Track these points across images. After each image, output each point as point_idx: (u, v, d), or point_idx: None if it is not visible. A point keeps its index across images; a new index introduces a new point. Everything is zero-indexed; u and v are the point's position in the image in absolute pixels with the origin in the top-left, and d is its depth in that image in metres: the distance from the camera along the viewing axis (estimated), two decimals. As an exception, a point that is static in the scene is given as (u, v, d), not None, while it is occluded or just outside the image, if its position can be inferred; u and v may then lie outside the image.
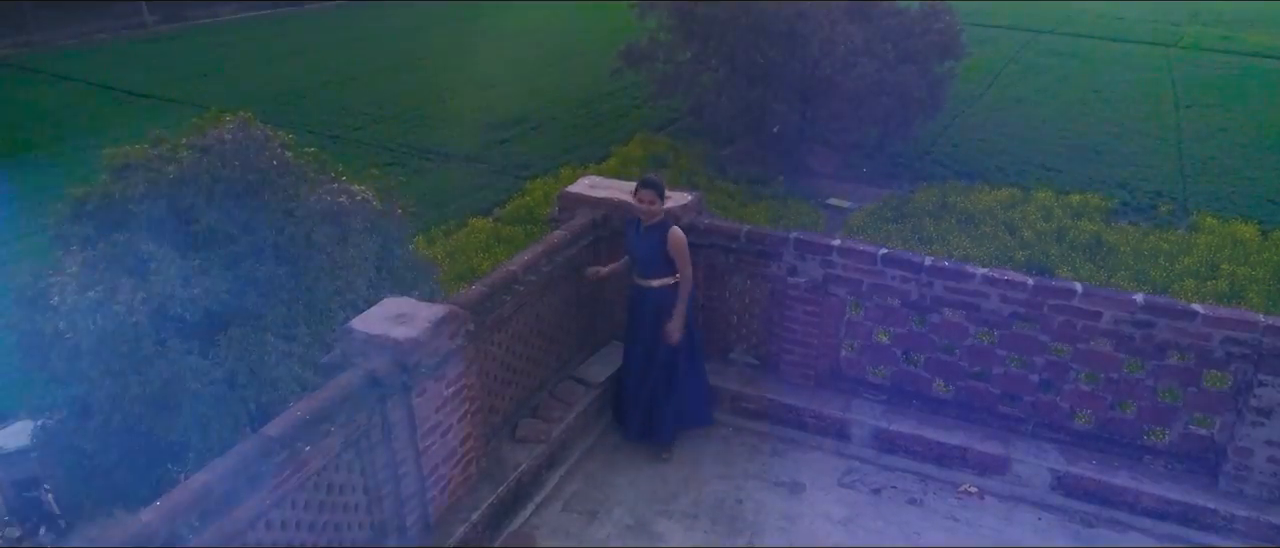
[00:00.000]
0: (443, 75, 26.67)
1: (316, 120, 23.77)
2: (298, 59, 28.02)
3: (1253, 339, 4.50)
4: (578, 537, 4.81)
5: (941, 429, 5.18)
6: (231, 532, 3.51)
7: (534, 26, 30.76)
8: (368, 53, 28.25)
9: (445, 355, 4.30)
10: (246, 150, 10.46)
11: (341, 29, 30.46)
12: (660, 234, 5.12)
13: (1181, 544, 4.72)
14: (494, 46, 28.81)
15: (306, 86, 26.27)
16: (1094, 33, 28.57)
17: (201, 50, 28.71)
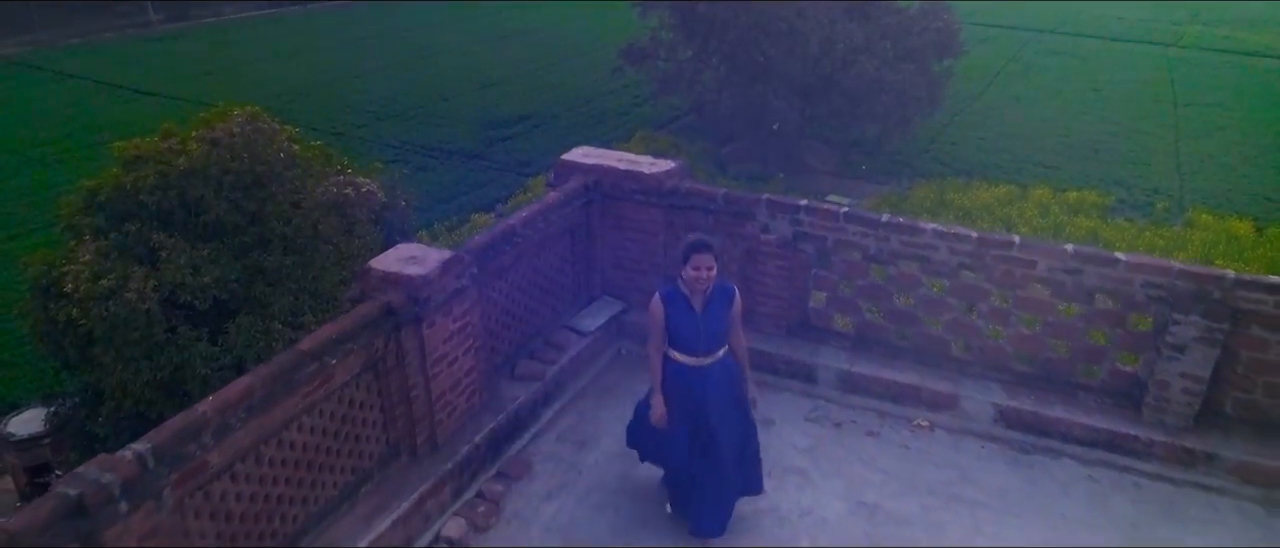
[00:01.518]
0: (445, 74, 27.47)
1: (320, 118, 24.55)
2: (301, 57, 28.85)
3: (1168, 283, 5.21)
4: (570, 463, 5.54)
5: (898, 371, 5.90)
6: (270, 429, 4.24)
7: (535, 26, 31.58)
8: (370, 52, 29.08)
9: (452, 293, 5.02)
10: (254, 143, 11.09)
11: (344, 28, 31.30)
12: (725, 300, 4.72)
13: (1107, 468, 5.41)
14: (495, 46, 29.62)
15: (310, 84, 27.07)
16: (1094, 32, 29.32)
17: (205, 49, 29.56)
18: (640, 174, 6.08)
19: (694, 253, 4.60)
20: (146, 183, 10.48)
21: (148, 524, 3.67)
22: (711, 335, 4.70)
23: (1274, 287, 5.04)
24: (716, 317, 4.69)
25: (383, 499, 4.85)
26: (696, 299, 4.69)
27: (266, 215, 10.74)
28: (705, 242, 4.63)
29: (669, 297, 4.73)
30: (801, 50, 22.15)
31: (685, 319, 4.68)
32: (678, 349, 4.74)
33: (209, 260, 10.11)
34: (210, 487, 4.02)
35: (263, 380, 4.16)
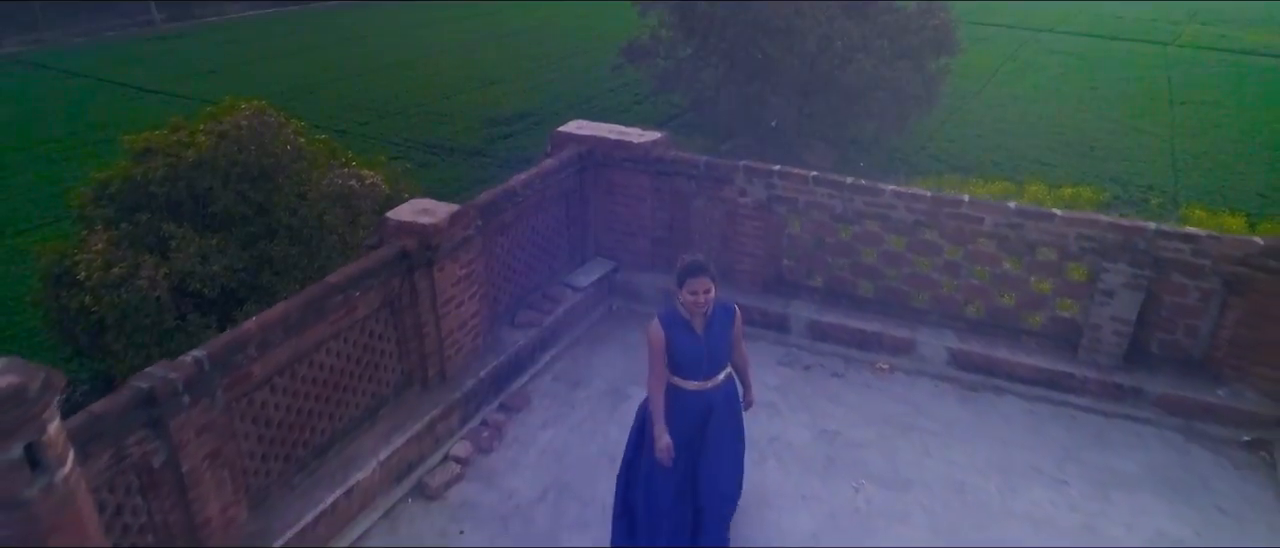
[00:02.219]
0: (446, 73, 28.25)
1: (323, 115, 25.35)
2: (304, 56, 29.66)
3: (1098, 235, 5.99)
4: (564, 398, 6.32)
5: (862, 320, 6.69)
6: (304, 349, 5.03)
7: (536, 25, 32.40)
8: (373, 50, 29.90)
9: (459, 242, 5.82)
10: (261, 136, 11.78)
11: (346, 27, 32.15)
12: (726, 320, 4.69)
13: (1046, 402, 6.19)
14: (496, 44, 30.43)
15: (313, 83, 27.88)
16: (1092, 31, 30.09)
17: (209, 47, 30.37)
18: (629, 143, 6.86)
19: (689, 277, 4.50)
20: (156, 174, 11.15)
21: (204, 418, 4.45)
22: (715, 359, 4.64)
23: (1191, 236, 5.81)
24: (719, 337, 4.62)
25: (398, 421, 5.63)
26: (697, 321, 4.60)
27: (273, 206, 11.39)
28: (700, 263, 4.52)
29: (668, 321, 4.63)
30: (799, 48, 22.90)
31: (687, 343, 4.59)
32: (681, 375, 4.64)
33: (217, 250, 10.73)
34: (253, 394, 4.80)
35: (297, 306, 4.95)
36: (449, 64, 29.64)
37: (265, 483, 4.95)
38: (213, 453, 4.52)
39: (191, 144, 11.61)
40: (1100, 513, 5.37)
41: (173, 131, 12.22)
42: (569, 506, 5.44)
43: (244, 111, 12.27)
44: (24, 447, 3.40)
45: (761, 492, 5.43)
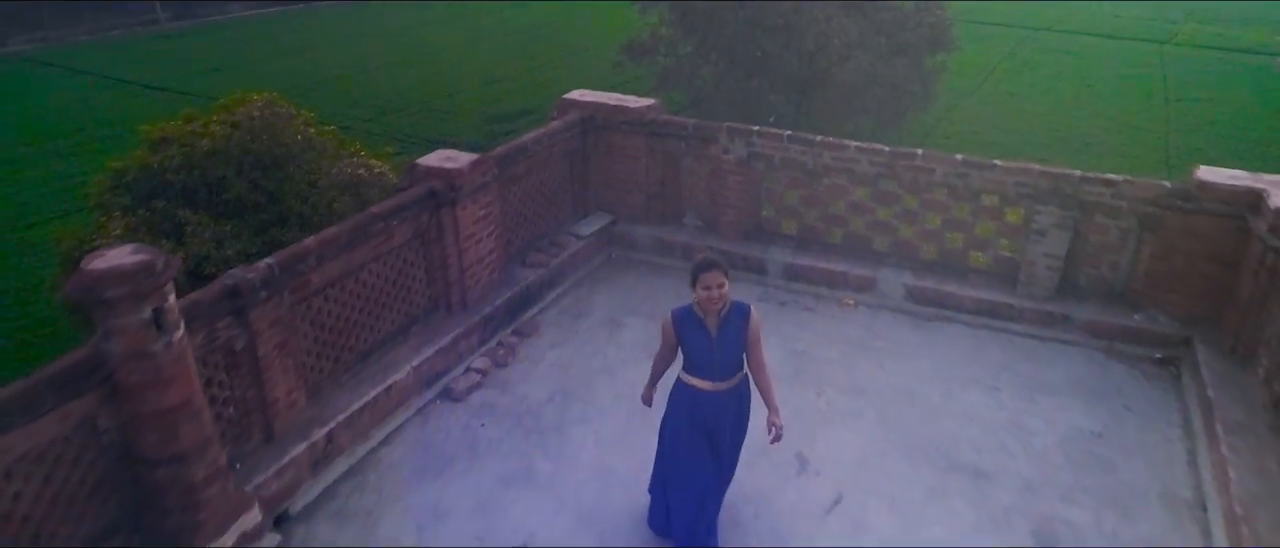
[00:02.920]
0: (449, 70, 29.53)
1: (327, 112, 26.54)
2: (307, 54, 30.94)
3: (1032, 182, 7.19)
4: (569, 326, 7.52)
5: (830, 262, 7.88)
6: (351, 267, 6.22)
7: (537, 23, 33.68)
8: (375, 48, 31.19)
9: (479, 186, 7.02)
10: (273, 126, 12.87)
11: (349, 26, 33.45)
12: (741, 321, 4.76)
13: (988, 329, 7.37)
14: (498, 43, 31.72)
15: (316, 80, 29.16)
16: (1089, 30, 31.33)
17: (213, 46, 31.66)
18: (627, 108, 8.08)
19: (702, 272, 4.59)
20: (172, 163, 12.09)
21: (275, 313, 5.65)
22: (727, 360, 4.73)
23: (1109, 181, 7.01)
24: (732, 338, 4.70)
25: (427, 337, 6.83)
26: (711, 320, 4.70)
27: (284, 194, 12.37)
28: (713, 260, 4.61)
29: (681, 317, 4.77)
30: (797, 46, 24.11)
31: (700, 342, 4.70)
32: (693, 374, 4.78)
33: (231, 236, 11.65)
34: (311, 300, 6.00)
35: (346, 229, 6.15)
36: (450, 62, 30.94)
37: (319, 378, 6.14)
38: (281, 344, 5.71)
39: (206, 134, 12.72)
40: (1025, 412, 6.55)
41: (187, 122, 13.39)
42: (572, 405, 6.63)
43: (256, 103, 13.44)
44: (153, 310, 4.60)
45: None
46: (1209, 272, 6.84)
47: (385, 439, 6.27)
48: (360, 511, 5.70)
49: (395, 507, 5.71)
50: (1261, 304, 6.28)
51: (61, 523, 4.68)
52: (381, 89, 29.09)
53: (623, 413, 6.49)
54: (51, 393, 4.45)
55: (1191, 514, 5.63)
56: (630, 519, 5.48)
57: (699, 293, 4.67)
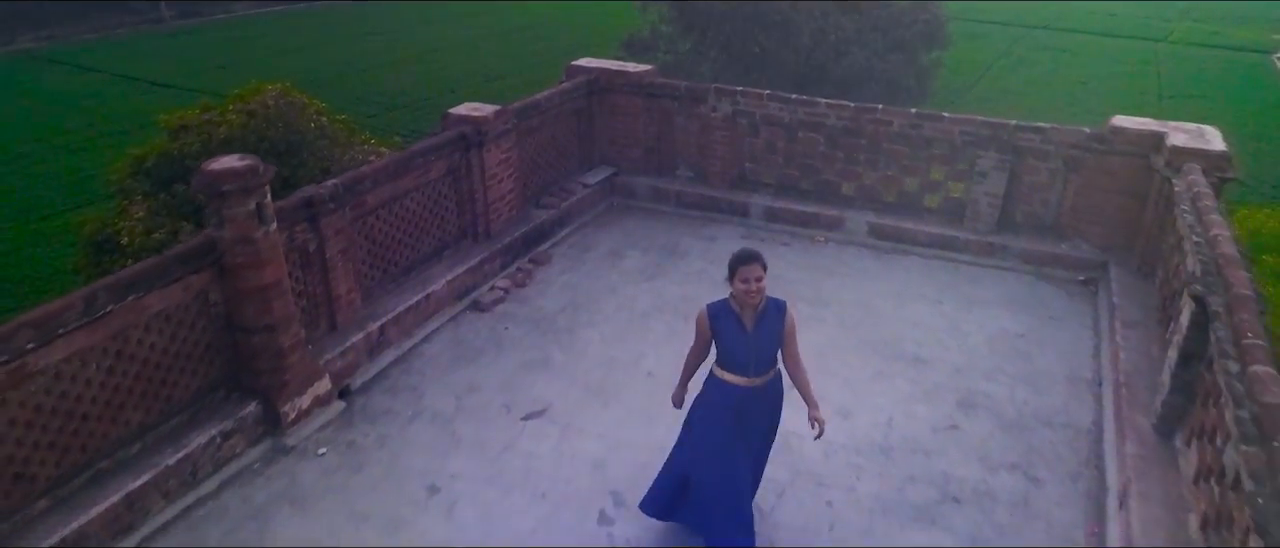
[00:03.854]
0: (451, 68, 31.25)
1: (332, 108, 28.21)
2: (311, 52, 32.69)
3: (974, 130, 8.81)
4: (577, 257, 9.12)
5: (804, 205, 9.49)
6: (398, 193, 7.82)
7: (537, 22, 35.44)
8: (378, 47, 32.92)
9: (500, 132, 8.64)
10: (287, 115, 14.37)
11: (351, 25, 35.21)
12: (777, 316, 4.89)
13: (938, 259, 8.97)
14: (500, 41, 33.46)
15: (321, 78, 30.86)
16: (1085, 28, 33.03)
17: (218, 44, 33.39)
18: (627, 73, 9.73)
19: (741, 265, 4.70)
20: (191, 149, 13.41)
21: (339, 223, 7.25)
22: (763, 355, 4.83)
23: (1039, 129, 8.62)
24: (768, 334, 4.80)
25: (458, 259, 8.44)
26: (747, 315, 4.81)
27: (299, 179, 13.68)
28: (753, 252, 4.71)
29: (717, 312, 4.86)
30: (795, 42, 25.76)
31: (736, 337, 4.80)
32: (728, 369, 4.89)
33: None
34: (366, 218, 7.60)
35: (393, 161, 7.77)
36: (453, 60, 32.67)
37: (371, 283, 7.75)
38: (343, 250, 7.32)
39: (223, 122, 14.18)
40: (962, 319, 8.14)
41: (205, 111, 14.96)
42: (581, 314, 8.23)
43: (270, 93, 15.04)
44: (256, 204, 6.20)
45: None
46: (1122, 204, 8.43)
47: (425, 337, 7.86)
48: (408, 387, 7.29)
49: (437, 384, 7.30)
50: (1160, 227, 7.87)
51: (181, 374, 6.27)
52: (384, 86, 30.75)
53: (623, 320, 8.09)
54: (178, 266, 6.05)
55: (1089, 389, 7.22)
56: (630, 391, 7.07)
57: (737, 286, 4.75)
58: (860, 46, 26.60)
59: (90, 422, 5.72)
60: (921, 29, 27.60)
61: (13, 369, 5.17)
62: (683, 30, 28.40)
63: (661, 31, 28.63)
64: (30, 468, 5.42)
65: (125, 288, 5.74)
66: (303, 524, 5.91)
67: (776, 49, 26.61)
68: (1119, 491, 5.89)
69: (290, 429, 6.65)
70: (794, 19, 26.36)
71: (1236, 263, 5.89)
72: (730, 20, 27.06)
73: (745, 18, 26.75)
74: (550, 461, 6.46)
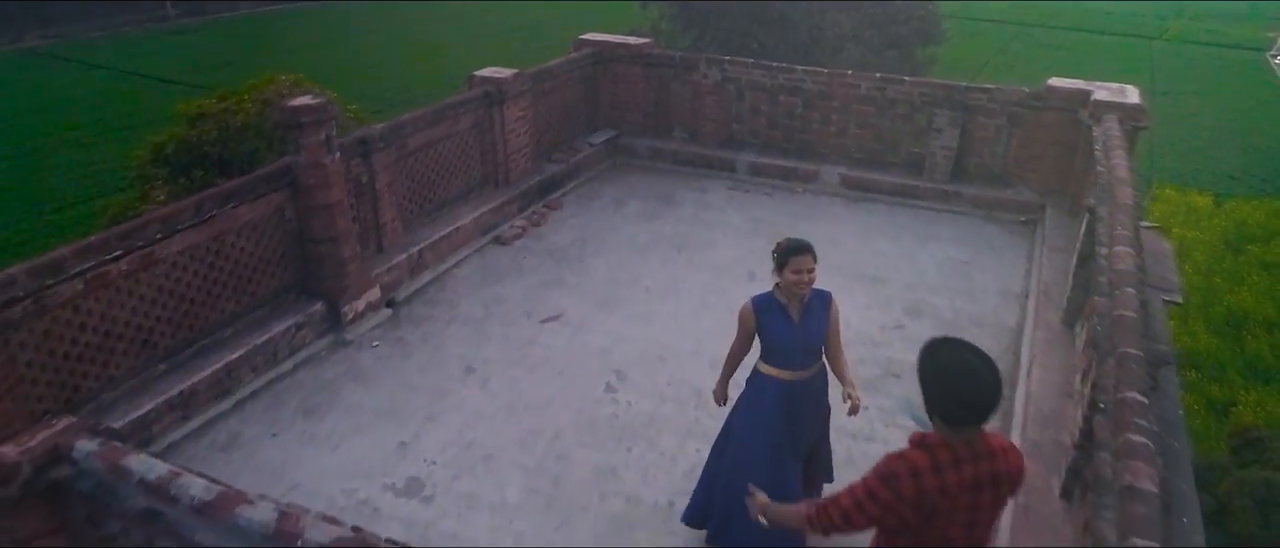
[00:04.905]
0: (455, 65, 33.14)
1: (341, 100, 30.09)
2: (314, 50, 34.62)
3: (930, 92, 10.63)
4: (584, 205, 10.94)
5: (784, 161, 11.31)
6: (432, 140, 9.64)
7: (539, 20, 37.40)
8: (381, 45, 34.84)
9: (518, 92, 10.46)
10: None
11: (355, 23, 37.15)
12: (822, 307, 4.98)
13: (900, 206, 10.78)
14: (503, 38, 35.39)
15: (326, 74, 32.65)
16: (1081, 27, 34.97)
17: (222, 41, 35.30)
18: (628, 45, 11.57)
19: (793, 255, 4.73)
20: (209, 137, 14.68)
21: (387, 160, 9.05)
22: (809, 347, 4.92)
23: (986, 89, 10.44)
24: (815, 325, 4.88)
25: (482, 201, 10.24)
26: (794, 306, 4.88)
27: None
28: (805, 243, 4.74)
29: (762, 304, 4.97)
30: (792, 38, 27.65)
31: (782, 329, 4.88)
32: (773, 363, 4.97)
33: None
34: (407, 159, 9.41)
35: (429, 111, 9.58)
36: (455, 58, 34.61)
37: (409, 216, 9.54)
38: (389, 183, 9.12)
39: (239, 111, 15.81)
40: (916, 250, 9.94)
41: (221, 100, 16.73)
42: (589, 247, 10.04)
43: (284, 82, 16.84)
44: (325, 134, 8.01)
45: (712, 243, 10.01)
46: (1057, 154, 10.23)
47: (456, 263, 9.66)
48: (443, 300, 9.08)
49: (468, 297, 9.10)
50: (1084, 171, 9.67)
51: (263, 276, 8.06)
52: (388, 83, 32.65)
53: (625, 251, 9.90)
54: (263, 184, 7.84)
55: (1017, 299, 9.01)
56: (630, 302, 8.88)
57: (788, 276, 4.81)
58: (856, 42, 28.51)
59: (196, 306, 7.50)
60: (917, 25, 29.51)
61: (144, 255, 6.95)
62: (682, 27, 30.32)
63: (662, 28, 30.54)
64: (153, 337, 7.19)
65: (225, 198, 7.54)
66: (365, 393, 7.69)
67: (774, 45, 28.48)
68: (1026, 365, 7.66)
69: (349, 327, 8.43)
70: (792, 16, 28.28)
71: (1125, 183, 7.69)
72: (729, 17, 28.96)
73: (743, 14, 28.65)
74: (565, 350, 8.24)
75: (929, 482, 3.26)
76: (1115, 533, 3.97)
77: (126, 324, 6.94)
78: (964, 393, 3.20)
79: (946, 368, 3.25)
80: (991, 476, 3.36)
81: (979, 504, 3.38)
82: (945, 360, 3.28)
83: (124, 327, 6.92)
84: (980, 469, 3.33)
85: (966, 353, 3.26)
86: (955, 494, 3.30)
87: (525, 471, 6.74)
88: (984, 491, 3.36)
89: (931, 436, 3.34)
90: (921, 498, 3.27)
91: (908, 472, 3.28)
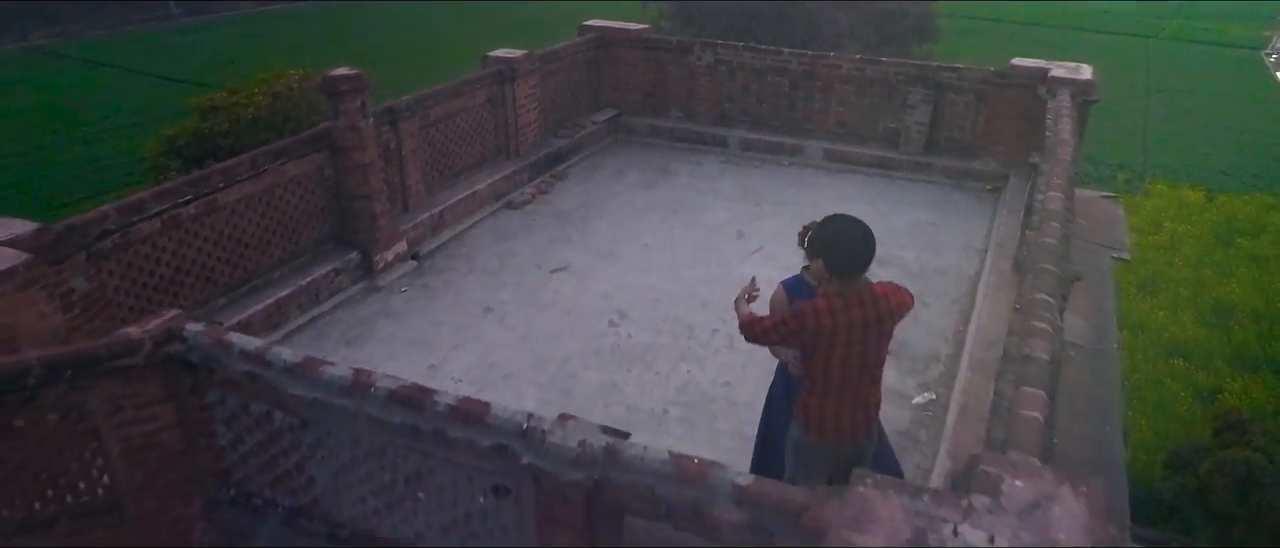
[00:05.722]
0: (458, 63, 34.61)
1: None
2: (317, 48, 36.04)
3: (905, 71, 12.03)
4: (588, 175, 12.36)
5: (772, 136, 12.72)
6: (451, 112, 11.06)
7: (541, 19, 38.85)
8: (384, 43, 36.30)
9: (528, 70, 11.87)
10: (309, 96, 17.37)
11: (358, 22, 38.63)
12: None
13: (878, 176, 12.19)
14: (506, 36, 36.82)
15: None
16: (1078, 25, 36.44)
17: (226, 40, 36.78)
18: (628, 30, 12.99)
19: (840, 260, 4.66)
20: (221, 128, 16.04)
21: (411, 128, 10.46)
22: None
23: (955, 68, 11.85)
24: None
25: (495, 169, 11.65)
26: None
27: None
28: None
29: (795, 288, 5.21)
30: (789, 35, 29.08)
31: None
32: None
33: None
34: (429, 129, 10.82)
35: (449, 86, 11.00)
36: (457, 56, 36.11)
37: (430, 181, 10.94)
38: (414, 150, 10.52)
39: (250, 103, 17.00)
40: (890, 213, 11.34)
41: (232, 94, 18.03)
42: (592, 211, 11.45)
43: (293, 76, 18.19)
44: (361, 101, 9.42)
45: (704, 208, 11.41)
46: (1020, 128, 11.63)
47: (472, 224, 11.06)
48: (462, 254, 10.48)
49: (484, 251, 10.49)
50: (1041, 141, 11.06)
51: (304, 227, 9.45)
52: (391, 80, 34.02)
53: (625, 214, 11.30)
54: (306, 145, 9.25)
55: (977, 253, 10.41)
56: (630, 255, 10.28)
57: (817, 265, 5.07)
58: (853, 40, 29.96)
59: (250, 249, 8.89)
60: (913, 23, 30.98)
61: (209, 201, 8.35)
62: (681, 25, 31.81)
63: (661, 27, 32.01)
64: (214, 274, 8.58)
65: (275, 154, 8.95)
66: (397, 327, 9.07)
67: (772, 42, 29.89)
68: (979, 303, 9.05)
69: (379, 275, 9.82)
70: (789, 13, 29.76)
71: (1066, 144, 9.08)
72: (727, 15, 30.43)
73: (741, 13, 30.14)
74: (572, 294, 9.63)
75: (826, 321, 4.69)
76: (1011, 386, 5.36)
77: (193, 261, 8.32)
78: (845, 251, 4.66)
79: (834, 234, 4.75)
80: (877, 315, 4.79)
81: (867, 337, 4.82)
82: (833, 230, 4.78)
83: (191, 263, 8.31)
84: (867, 311, 4.76)
85: (847, 224, 4.76)
86: (848, 329, 4.74)
87: (539, 387, 8.11)
88: (871, 326, 4.79)
89: (832, 289, 4.74)
90: (820, 331, 4.71)
91: (812, 312, 4.72)
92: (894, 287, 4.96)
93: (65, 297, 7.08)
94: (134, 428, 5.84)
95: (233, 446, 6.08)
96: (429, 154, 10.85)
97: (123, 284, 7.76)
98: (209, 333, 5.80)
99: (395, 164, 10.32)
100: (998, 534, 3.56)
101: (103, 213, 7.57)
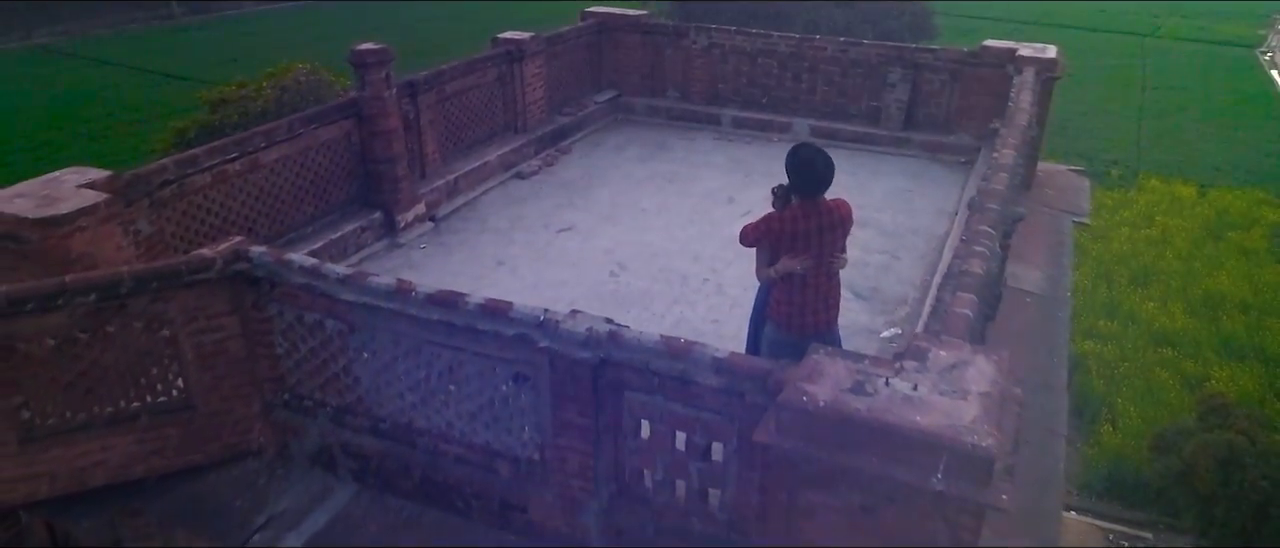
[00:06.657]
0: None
1: (348, 91, 32.81)
2: (319, 47, 37.33)
3: (886, 53, 13.37)
4: (590, 151, 13.70)
5: (762, 115, 14.06)
6: (464, 88, 12.40)
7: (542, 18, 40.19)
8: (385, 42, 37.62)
9: (535, 51, 13.21)
10: (316, 89, 18.69)
11: (359, 21, 40.01)
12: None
13: (861, 152, 13.52)
14: (505, 35, 38.11)
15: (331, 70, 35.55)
16: (1075, 24, 37.83)
17: (228, 38, 38.13)
18: (628, 15, 14.36)
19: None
20: (229, 121, 17.00)
21: (429, 101, 11.79)
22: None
23: (932, 50, 13.17)
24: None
25: (504, 143, 12.99)
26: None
27: None
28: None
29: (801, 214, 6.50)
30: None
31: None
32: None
33: None
34: (443, 103, 12.15)
35: (462, 63, 12.34)
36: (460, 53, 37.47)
37: (445, 151, 12.27)
38: (431, 121, 11.85)
39: (258, 96, 18.30)
40: (869, 183, 12.67)
41: (240, 87, 19.31)
42: (594, 181, 12.78)
43: (300, 70, 19.52)
44: (386, 73, 10.73)
45: (698, 178, 12.72)
46: (991, 105, 12.94)
47: (484, 192, 12.39)
48: (475, 216, 11.80)
49: (496, 215, 11.82)
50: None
51: (332, 188, 10.76)
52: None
53: (625, 183, 12.63)
54: (336, 113, 10.58)
55: (948, 215, 11.73)
56: (629, 218, 11.59)
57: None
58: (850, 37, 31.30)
59: (286, 206, 10.20)
60: (908, 21, 32.39)
61: (252, 159, 9.66)
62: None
63: (661, 24, 33.38)
64: (255, 226, 9.88)
65: (311, 119, 10.26)
66: (418, 278, 10.28)
67: (770, 39, 31.22)
68: (946, 255, 10.34)
69: (401, 234, 11.12)
70: (786, 12, 31.19)
71: (1023, 112, 10.41)
72: (727, 13, 31.79)
73: (740, 12, 31.55)
74: (577, 250, 10.95)
75: (789, 226, 6.36)
76: (950, 297, 6.67)
77: (237, 213, 9.62)
78: (808, 176, 6.36)
79: (801, 160, 6.38)
80: (830, 222, 6.47)
81: (824, 241, 6.44)
82: (800, 157, 6.39)
83: (235, 215, 9.60)
84: (822, 220, 6.43)
85: (811, 152, 6.43)
86: (808, 233, 6.36)
87: (548, 323, 9.40)
88: (825, 232, 6.44)
89: (795, 204, 6.24)
90: (784, 232, 6.34)
91: (778, 219, 6.37)
92: (840, 201, 6.67)
93: (135, 236, 8.36)
94: (205, 337, 7.12)
95: (287, 353, 7.35)
96: (444, 126, 12.17)
97: (178, 230, 9.03)
98: (271, 253, 7.09)
99: (414, 134, 11.62)
100: (920, 384, 4.88)
101: (162, 165, 8.86)
